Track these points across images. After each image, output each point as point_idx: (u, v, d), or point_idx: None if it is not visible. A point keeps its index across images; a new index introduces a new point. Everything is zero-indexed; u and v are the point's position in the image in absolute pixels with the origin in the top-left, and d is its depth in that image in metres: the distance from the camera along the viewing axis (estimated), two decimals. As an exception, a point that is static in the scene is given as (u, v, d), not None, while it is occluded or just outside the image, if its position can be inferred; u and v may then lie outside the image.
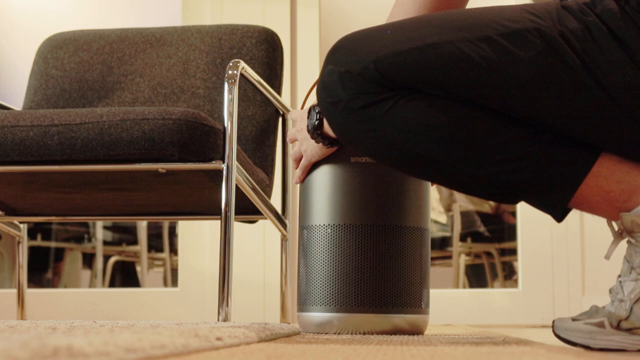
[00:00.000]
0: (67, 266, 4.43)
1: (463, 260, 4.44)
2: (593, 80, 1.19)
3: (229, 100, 1.96)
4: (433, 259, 4.41)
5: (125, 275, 4.57)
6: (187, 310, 3.20)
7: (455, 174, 1.28)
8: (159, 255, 4.54)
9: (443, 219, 4.55)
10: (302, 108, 1.86)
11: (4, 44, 3.85)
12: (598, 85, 1.19)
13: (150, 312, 3.22)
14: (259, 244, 3.17)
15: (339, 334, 1.71)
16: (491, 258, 4.41)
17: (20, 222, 2.54)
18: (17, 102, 3.41)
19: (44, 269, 4.38)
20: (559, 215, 1.28)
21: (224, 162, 1.94)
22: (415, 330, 1.76)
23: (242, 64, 2.02)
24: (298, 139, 1.75)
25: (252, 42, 2.50)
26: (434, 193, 4.49)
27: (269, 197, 2.30)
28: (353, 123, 1.30)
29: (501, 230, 4.53)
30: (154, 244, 4.51)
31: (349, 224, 1.74)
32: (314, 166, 1.79)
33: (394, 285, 1.73)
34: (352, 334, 1.71)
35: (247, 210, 2.31)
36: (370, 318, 1.72)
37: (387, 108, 1.26)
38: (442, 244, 4.52)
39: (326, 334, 1.71)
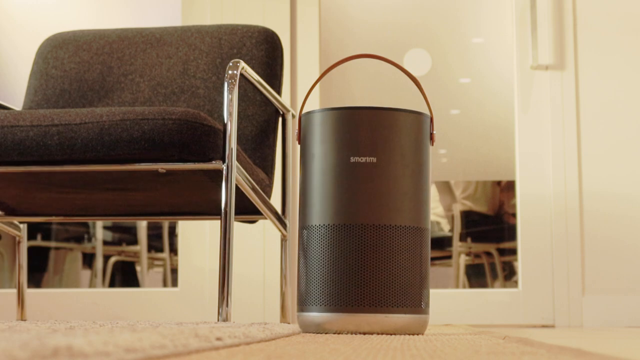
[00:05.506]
0: (67, 266, 4.43)
1: (463, 260, 4.44)
2: None
3: (229, 100, 1.96)
4: (433, 259, 4.41)
5: (125, 275, 4.57)
6: (187, 310, 3.20)
7: None
8: (159, 255, 4.54)
9: (443, 222, 4.56)
10: (302, 108, 1.86)
11: (4, 44, 3.86)
12: None
13: (150, 312, 3.22)
14: (259, 244, 3.17)
15: (339, 334, 1.71)
16: (491, 258, 4.41)
17: (20, 222, 2.54)
18: (17, 102, 3.41)
19: (44, 269, 4.37)
20: None
21: (224, 162, 1.94)
22: (415, 330, 1.76)
23: (242, 64, 2.02)
24: None
25: (252, 42, 2.50)
26: (434, 193, 4.49)
27: (269, 197, 2.30)
28: None
29: (501, 230, 4.53)
30: (154, 244, 4.51)
31: (349, 224, 1.74)
32: (314, 166, 1.79)
33: (394, 285, 1.73)
34: (352, 334, 1.71)
35: (247, 210, 2.31)
36: (370, 318, 1.72)
37: None
38: (442, 244, 4.51)
39: (326, 334, 1.71)
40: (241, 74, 2.03)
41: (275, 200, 2.64)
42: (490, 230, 4.56)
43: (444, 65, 3.78)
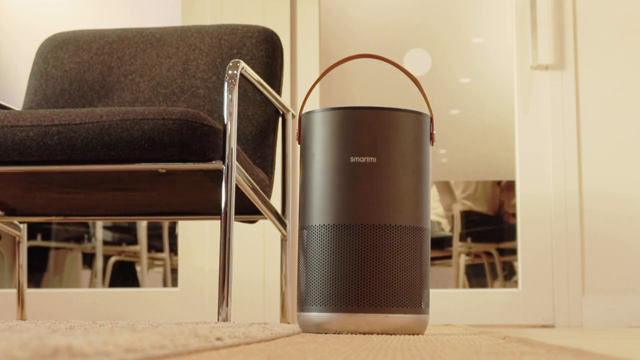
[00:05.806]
0: (67, 266, 4.43)
1: (463, 260, 4.44)
2: None
3: (229, 100, 1.96)
4: (433, 259, 4.41)
5: (125, 275, 4.57)
6: (187, 310, 3.20)
7: None
8: (159, 255, 4.54)
9: (443, 222, 4.55)
10: (302, 108, 1.86)
11: (4, 44, 3.85)
12: None
13: (150, 312, 3.22)
14: (259, 244, 3.17)
15: (339, 334, 1.71)
16: (491, 258, 4.41)
17: (20, 222, 2.54)
18: (17, 102, 3.41)
19: (44, 269, 4.38)
20: None
21: (224, 162, 1.94)
22: (415, 330, 1.76)
23: (242, 64, 2.02)
24: None
25: (252, 42, 2.50)
26: (434, 193, 4.49)
27: (269, 197, 2.30)
28: None
29: (501, 230, 4.53)
30: (154, 244, 4.51)
31: (349, 224, 1.74)
32: (314, 166, 1.79)
33: (394, 285, 1.73)
34: (352, 334, 1.71)
35: (247, 210, 2.31)
36: (370, 318, 1.72)
37: None
38: (442, 244, 4.51)
39: (326, 334, 1.71)
40: (241, 74, 2.03)
41: (275, 200, 2.64)
42: (490, 230, 4.56)
43: (444, 65, 3.78)
